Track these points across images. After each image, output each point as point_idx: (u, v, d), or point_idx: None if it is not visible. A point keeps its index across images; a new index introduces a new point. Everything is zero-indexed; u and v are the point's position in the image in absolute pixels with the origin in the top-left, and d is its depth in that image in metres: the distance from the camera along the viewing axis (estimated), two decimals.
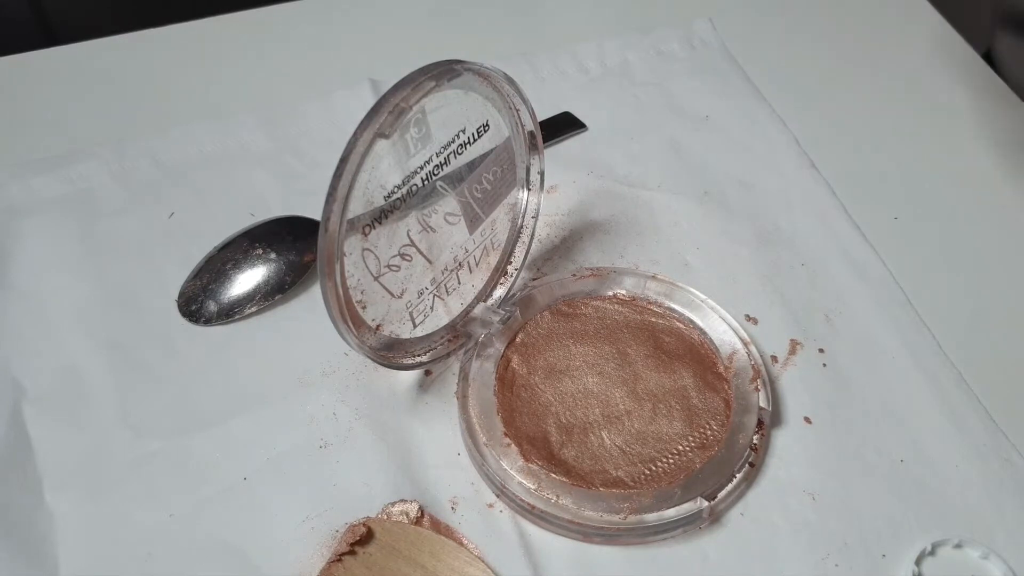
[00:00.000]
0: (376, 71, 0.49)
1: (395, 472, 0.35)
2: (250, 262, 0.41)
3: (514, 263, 0.38)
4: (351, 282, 0.31)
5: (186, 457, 0.35)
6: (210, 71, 0.51)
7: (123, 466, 0.35)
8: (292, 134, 0.47)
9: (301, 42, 0.53)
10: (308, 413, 0.37)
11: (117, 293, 0.41)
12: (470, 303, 0.37)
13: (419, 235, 0.33)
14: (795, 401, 0.37)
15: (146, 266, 0.42)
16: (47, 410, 0.37)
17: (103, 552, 0.33)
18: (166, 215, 0.44)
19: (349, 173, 0.28)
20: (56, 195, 0.44)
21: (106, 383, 0.38)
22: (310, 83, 0.50)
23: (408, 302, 0.34)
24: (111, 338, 0.39)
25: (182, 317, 0.40)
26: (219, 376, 0.38)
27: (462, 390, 0.36)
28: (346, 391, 0.37)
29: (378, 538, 0.32)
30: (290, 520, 0.34)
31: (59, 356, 0.38)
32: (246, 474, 0.35)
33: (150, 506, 0.34)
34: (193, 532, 0.33)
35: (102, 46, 0.52)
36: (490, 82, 0.32)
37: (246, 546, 0.33)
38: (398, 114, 0.29)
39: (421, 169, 0.31)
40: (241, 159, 0.46)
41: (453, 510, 0.34)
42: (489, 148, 0.34)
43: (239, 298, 0.40)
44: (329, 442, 0.36)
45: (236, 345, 0.39)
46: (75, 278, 0.41)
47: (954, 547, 0.33)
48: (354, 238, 0.30)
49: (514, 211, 0.37)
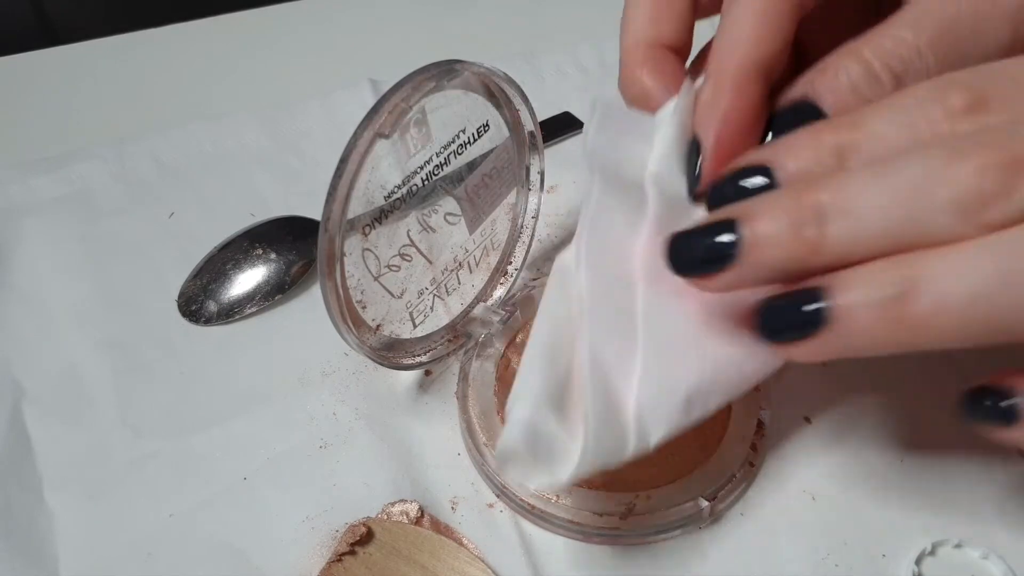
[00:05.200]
0: (376, 71, 0.49)
1: (395, 472, 0.35)
2: (250, 262, 0.41)
3: (514, 263, 0.38)
4: (351, 282, 0.31)
5: (186, 457, 0.35)
6: (210, 71, 0.51)
7: (123, 466, 0.35)
8: (292, 134, 0.47)
9: (301, 42, 0.53)
10: (308, 413, 0.37)
11: (117, 293, 0.41)
12: (470, 303, 0.37)
13: (419, 235, 0.33)
14: (795, 401, 0.37)
15: (146, 266, 0.42)
16: (47, 410, 0.37)
17: (103, 552, 0.33)
18: (166, 215, 0.44)
19: (349, 173, 0.29)
20: (56, 195, 0.44)
21: (106, 383, 0.38)
22: (310, 83, 0.50)
23: (408, 302, 0.34)
24: (111, 338, 0.39)
25: (182, 317, 0.40)
26: (219, 376, 0.38)
27: (462, 390, 0.36)
28: (346, 391, 0.37)
29: (378, 538, 0.32)
30: (290, 520, 0.34)
31: (59, 356, 0.39)
32: (246, 474, 0.35)
33: (150, 506, 0.34)
34: (193, 532, 0.33)
35: (102, 46, 0.52)
36: (491, 82, 0.32)
37: (246, 546, 0.33)
38: (398, 114, 0.29)
39: (421, 169, 0.31)
40: (241, 159, 0.46)
41: (453, 510, 0.34)
42: (489, 148, 0.34)
43: (239, 298, 0.40)
44: (329, 442, 0.36)
45: (236, 345, 0.39)
46: (75, 278, 0.41)
47: (954, 547, 0.33)
48: (354, 238, 0.30)
49: (514, 211, 0.37)
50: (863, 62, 0.29)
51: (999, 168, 0.23)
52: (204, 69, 0.51)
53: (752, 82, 0.30)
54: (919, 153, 0.24)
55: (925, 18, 0.29)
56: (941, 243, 0.23)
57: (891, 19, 0.31)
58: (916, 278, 0.23)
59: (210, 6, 0.53)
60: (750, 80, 0.30)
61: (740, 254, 0.25)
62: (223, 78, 0.51)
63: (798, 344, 0.25)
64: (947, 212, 0.23)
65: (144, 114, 0.49)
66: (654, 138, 0.31)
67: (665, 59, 0.33)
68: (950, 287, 0.23)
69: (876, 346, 0.24)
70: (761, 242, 0.25)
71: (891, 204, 0.23)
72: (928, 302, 0.23)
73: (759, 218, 0.25)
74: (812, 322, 0.24)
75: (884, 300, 0.23)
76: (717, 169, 0.29)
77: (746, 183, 0.27)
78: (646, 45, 0.33)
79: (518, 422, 0.26)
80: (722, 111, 0.30)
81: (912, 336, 0.23)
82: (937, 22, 0.29)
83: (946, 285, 0.23)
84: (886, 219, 0.24)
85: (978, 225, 0.23)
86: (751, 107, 0.30)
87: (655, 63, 0.33)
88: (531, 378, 0.27)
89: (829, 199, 0.24)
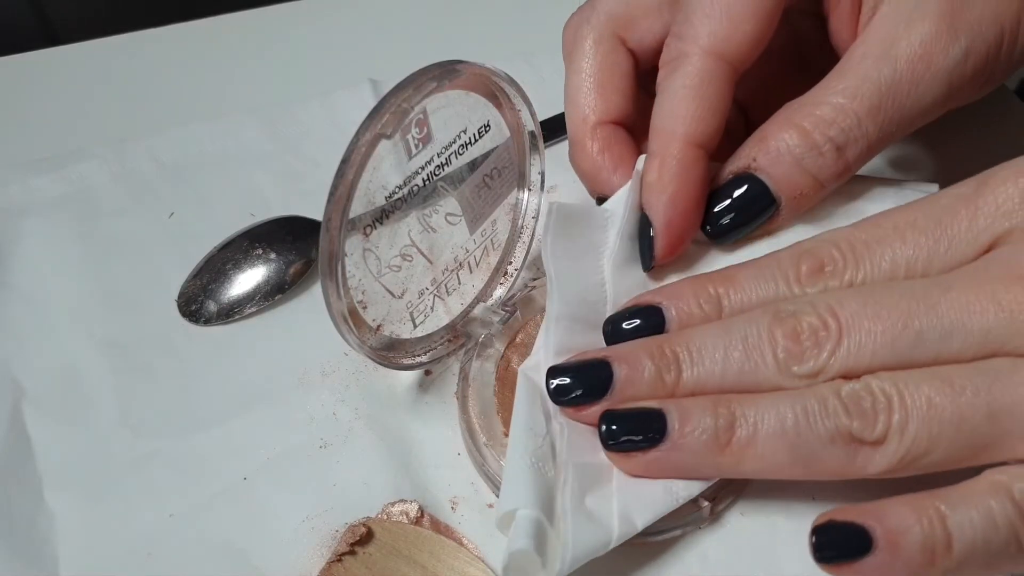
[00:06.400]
0: (376, 71, 0.49)
1: (395, 472, 0.35)
2: (250, 262, 0.41)
3: (514, 263, 0.38)
4: (352, 282, 0.31)
5: (186, 457, 0.35)
6: (210, 71, 0.51)
7: (123, 466, 0.35)
8: (292, 134, 0.47)
9: (301, 42, 0.53)
10: (308, 413, 0.37)
11: (117, 293, 0.41)
12: (470, 303, 0.37)
13: (420, 235, 0.33)
14: None
15: (146, 266, 0.42)
16: (47, 410, 0.37)
17: (103, 552, 0.33)
18: (166, 215, 0.44)
19: (351, 174, 0.29)
20: (56, 195, 0.44)
21: (106, 383, 0.38)
22: (310, 83, 0.50)
23: (409, 302, 0.34)
24: (111, 338, 0.39)
25: (182, 317, 0.40)
26: (219, 376, 0.38)
27: (462, 390, 0.36)
28: (346, 391, 0.37)
29: (378, 538, 0.32)
30: (290, 520, 0.34)
31: (59, 356, 0.38)
32: (246, 474, 0.35)
33: (150, 506, 0.34)
34: (193, 532, 0.33)
35: (102, 46, 0.52)
36: (491, 82, 0.32)
37: (246, 546, 0.33)
38: (400, 115, 0.29)
39: (422, 169, 0.31)
40: (241, 159, 0.46)
41: (453, 510, 0.34)
42: (490, 148, 0.34)
43: (239, 298, 0.40)
44: (329, 442, 0.36)
45: (236, 345, 0.39)
46: (75, 278, 0.41)
47: None
48: (355, 238, 0.30)
49: (515, 211, 0.37)
50: (803, 133, 0.31)
51: (810, 332, 0.28)
52: (204, 69, 0.51)
53: (695, 161, 0.33)
54: (756, 314, 0.29)
55: (864, 84, 0.32)
56: (765, 389, 0.29)
57: (828, 83, 0.32)
58: (737, 415, 0.29)
59: (210, 6, 0.53)
60: (693, 161, 0.33)
61: (613, 389, 0.30)
62: (223, 78, 0.51)
63: (636, 456, 0.30)
64: (769, 367, 0.29)
65: (144, 114, 0.49)
66: (608, 227, 0.34)
67: (613, 134, 0.36)
68: (762, 424, 0.28)
69: (700, 465, 0.30)
70: (632, 381, 0.30)
71: (729, 358, 0.29)
72: (743, 434, 0.29)
73: (631, 361, 0.30)
74: (652, 439, 0.29)
75: (711, 428, 0.29)
76: (668, 247, 0.33)
77: (630, 325, 0.32)
78: (593, 122, 0.35)
79: (525, 520, 0.28)
80: (669, 194, 0.32)
81: (733, 460, 0.29)
82: (875, 87, 0.32)
83: (759, 422, 0.28)
84: (725, 370, 0.29)
85: (792, 377, 0.29)
86: (696, 185, 0.33)
87: (604, 140, 0.35)
88: (519, 485, 0.29)
89: (685, 352, 0.30)
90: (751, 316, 0.30)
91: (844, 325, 0.28)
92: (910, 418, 0.27)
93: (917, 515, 0.26)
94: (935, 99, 0.32)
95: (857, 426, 0.28)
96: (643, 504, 0.30)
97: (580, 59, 0.35)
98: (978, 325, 0.27)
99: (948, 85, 0.32)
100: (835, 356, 0.28)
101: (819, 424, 0.28)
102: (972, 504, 0.26)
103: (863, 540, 0.26)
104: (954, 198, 0.29)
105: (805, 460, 0.28)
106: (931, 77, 0.32)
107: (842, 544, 0.27)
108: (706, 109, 0.32)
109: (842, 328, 0.28)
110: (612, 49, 0.35)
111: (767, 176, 0.32)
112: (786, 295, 0.30)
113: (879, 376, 0.28)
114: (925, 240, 0.29)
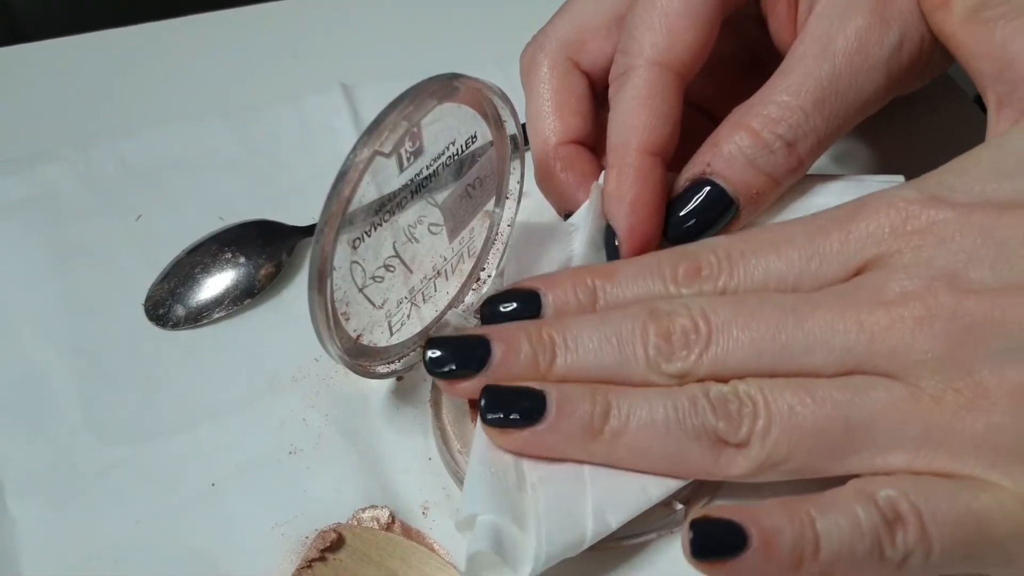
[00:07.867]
0: (348, 75, 0.49)
1: (366, 478, 0.34)
2: (219, 266, 0.40)
3: (487, 269, 0.38)
4: (338, 295, 0.31)
5: (153, 463, 0.35)
6: (179, 72, 0.51)
7: (88, 473, 0.35)
8: (262, 137, 0.47)
9: (272, 45, 0.52)
10: (278, 419, 0.36)
11: (82, 297, 0.40)
12: (443, 310, 0.37)
13: (403, 246, 0.33)
14: None
15: (112, 270, 0.41)
16: (10, 416, 0.36)
17: (68, 560, 0.32)
18: (133, 218, 0.43)
19: (347, 191, 0.28)
20: (20, 198, 0.43)
21: (71, 388, 0.37)
22: (281, 87, 0.49)
23: (388, 312, 0.34)
24: (76, 343, 0.39)
25: (149, 321, 0.39)
26: (187, 381, 0.38)
27: (435, 397, 0.36)
28: (316, 396, 0.37)
29: (348, 544, 0.32)
30: (259, 527, 0.33)
31: (22, 361, 0.38)
32: (214, 480, 0.34)
33: (116, 513, 0.34)
34: (160, 539, 0.33)
35: (68, 45, 0.51)
36: (484, 96, 0.33)
37: (215, 553, 0.33)
38: (400, 132, 0.29)
39: (412, 182, 0.31)
40: (210, 162, 0.46)
41: (424, 515, 0.34)
42: (475, 159, 0.34)
43: (207, 302, 0.40)
44: (299, 448, 0.35)
45: (204, 350, 0.39)
46: (39, 282, 0.40)
47: None
48: (343, 251, 0.30)
49: (491, 218, 0.37)
50: (753, 134, 0.32)
51: (681, 333, 0.30)
52: (173, 70, 0.51)
53: (651, 169, 0.34)
54: (633, 310, 0.31)
55: (807, 81, 0.33)
56: (635, 382, 0.30)
57: (772, 83, 0.34)
58: (612, 405, 0.30)
59: (179, 7, 0.53)
60: (649, 168, 0.34)
61: (489, 367, 0.31)
62: (193, 80, 0.50)
63: (512, 432, 0.30)
64: (640, 362, 0.30)
65: (111, 115, 0.48)
66: (573, 238, 0.35)
67: (575, 153, 0.37)
68: (634, 416, 0.29)
69: (572, 449, 0.30)
70: (507, 360, 0.31)
71: (603, 349, 0.30)
72: (616, 424, 0.29)
73: (510, 341, 0.31)
74: (531, 418, 0.30)
75: (587, 414, 0.29)
76: (632, 253, 0.34)
77: (507, 308, 0.33)
78: (554, 143, 0.37)
79: (483, 525, 0.29)
80: (628, 202, 0.34)
81: (603, 448, 0.30)
82: (817, 82, 0.33)
83: (631, 414, 0.29)
84: (598, 359, 0.30)
85: (660, 374, 0.30)
86: (654, 191, 0.34)
87: (566, 159, 0.37)
88: (478, 491, 0.30)
89: (561, 338, 0.31)
90: (628, 311, 0.31)
91: (714, 330, 0.29)
92: (772, 424, 0.28)
93: (789, 517, 0.27)
94: (876, 89, 0.34)
95: (723, 427, 0.29)
96: (616, 503, 0.30)
97: (537, 85, 0.37)
98: (840, 343, 0.28)
99: (887, 75, 0.33)
100: (702, 359, 0.29)
101: (687, 421, 0.29)
102: (839, 509, 0.27)
103: (738, 538, 0.27)
104: (830, 219, 0.31)
105: (672, 455, 0.29)
106: (869, 68, 0.33)
107: (718, 541, 0.27)
108: (656, 118, 0.33)
109: (712, 333, 0.29)
110: (567, 73, 0.37)
111: (722, 179, 0.34)
112: (662, 293, 0.31)
113: (747, 381, 0.29)
114: (798, 256, 0.30)
